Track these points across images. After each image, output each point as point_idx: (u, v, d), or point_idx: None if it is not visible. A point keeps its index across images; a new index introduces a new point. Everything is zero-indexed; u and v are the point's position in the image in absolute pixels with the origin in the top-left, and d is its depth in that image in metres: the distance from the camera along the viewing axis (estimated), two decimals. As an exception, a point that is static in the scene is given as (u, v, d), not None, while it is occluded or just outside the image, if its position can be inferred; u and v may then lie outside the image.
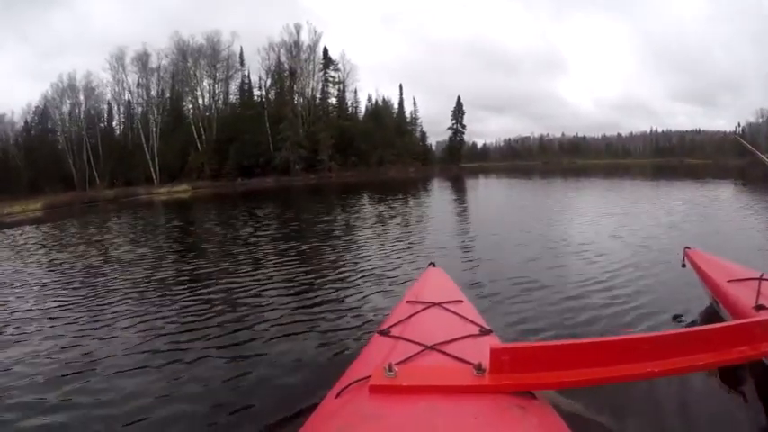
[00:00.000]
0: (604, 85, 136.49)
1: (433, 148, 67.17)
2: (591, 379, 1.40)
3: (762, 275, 2.51)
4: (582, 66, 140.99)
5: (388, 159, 49.61)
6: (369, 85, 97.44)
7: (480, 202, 15.78)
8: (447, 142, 66.33)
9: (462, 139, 66.87)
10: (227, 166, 41.84)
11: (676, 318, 3.35)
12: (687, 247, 3.45)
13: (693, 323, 3.17)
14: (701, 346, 1.53)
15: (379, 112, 55.40)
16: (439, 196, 18.11)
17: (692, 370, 1.50)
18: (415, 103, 61.77)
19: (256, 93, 49.10)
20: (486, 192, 20.67)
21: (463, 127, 64.43)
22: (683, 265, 3.38)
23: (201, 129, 44.31)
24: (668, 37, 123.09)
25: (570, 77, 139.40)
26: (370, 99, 57.37)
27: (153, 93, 45.48)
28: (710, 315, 3.02)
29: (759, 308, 2.24)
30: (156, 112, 45.04)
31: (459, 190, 20.62)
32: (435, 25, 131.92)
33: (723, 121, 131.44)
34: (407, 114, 60.39)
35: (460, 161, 64.07)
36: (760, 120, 67.21)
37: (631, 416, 2.17)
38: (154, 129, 43.52)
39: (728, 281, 2.68)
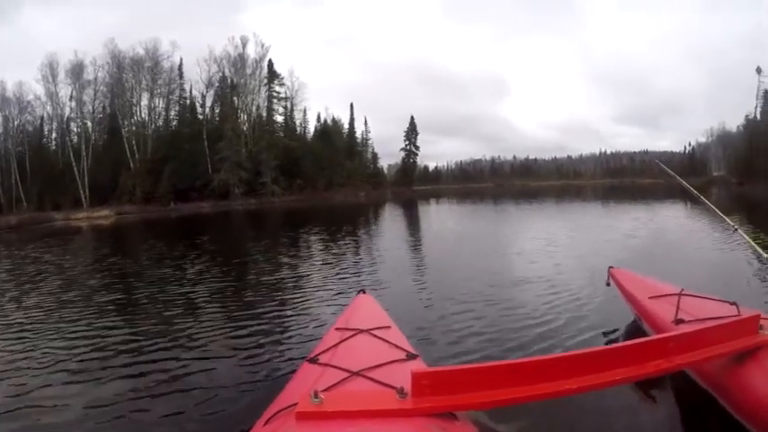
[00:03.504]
0: (550, 108, 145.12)
1: (385, 170, 67.94)
2: (509, 399, 1.55)
3: (681, 291, 2.76)
4: (526, 89, 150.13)
5: (337, 182, 49.32)
6: (319, 106, 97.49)
7: (430, 232, 15.54)
8: (399, 164, 67.25)
9: (415, 161, 68.02)
10: (160, 188, 40.29)
11: (603, 335, 3.61)
12: (611, 267, 3.75)
13: (617, 339, 3.42)
14: (616, 362, 1.71)
15: (328, 131, 55.09)
16: (390, 227, 17.58)
17: (608, 385, 1.67)
18: (366, 123, 62.15)
19: (199, 109, 47.92)
20: (438, 219, 20.67)
21: (417, 148, 65.54)
22: (608, 284, 3.67)
23: (135, 147, 42.66)
24: (610, 61, 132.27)
25: (515, 100, 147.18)
26: (319, 119, 57.09)
27: (89, 107, 43.74)
28: (634, 331, 3.26)
29: (678, 322, 2.46)
30: (90, 128, 43.33)
31: (411, 220, 20.33)
32: (380, 49, 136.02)
33: (666, 142, 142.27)
34: (358, 135, 60.79)
35: (413, 184, 64.94)
36: (709, 139, 72.55)
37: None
38: (84, 146, 41.60)
39: (650, 297, 2.93)
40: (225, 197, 41.01)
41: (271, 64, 48.83)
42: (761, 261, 3.06)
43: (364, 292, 3.19)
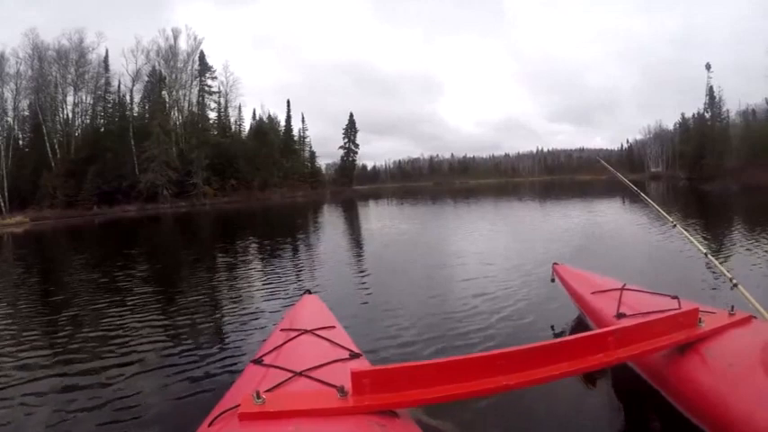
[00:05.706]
0: (484, 107, 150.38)
1: (324, 170, 67.48)
2: (448, 395, 1.60)
3: (624, 286, 2.88)
4: (460, 88, 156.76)
5: (274, 182, 48.32)
6: (255, 103, 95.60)
7: (373, 235, 15.54)
8: (337, 163, 67.05)
9: (355, 160, 67.99)
10: (83, 191, 37.79)
11: (548, 331, 3.73)
12: (555, 263, 3.87)
13: (562, 335, 3.51)
14: (556, 357, 1.78)
15: (264, 129, 53.74)
16: (330, 233, 17.01)
17: (547, 380, 1.73)
18: (303, 120, 61.33)
19: (128, 105, 45.29)
20: (378, 222, 20.59)
21: (356, 146, 65.52)
22: (552, 280, 3.79)
23: (57, 147, 39.76)
24: (541, 60, 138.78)
25: (450, 100, 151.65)
26: (254, 116, 55.66)
27: (11, 103, 40.14)
28: (578, 326, 3.40)
29: (620, 316, 2.55)
30: (12, 126, 39.97)
31: (351, 222, 20.09)
32: (312, 50, 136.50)
33: (600, 139, 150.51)
34: (295, 133, 59.86)
35: (353, 183, 64.87)
36: (647, 136, 77.21)
37: (497, 427, 2.39)
38: (5, 147, 38.07)
39: (592, 293, 3.04)
40: (153, 200, 39.09)
41: (202, 56, 47.14)
42: (699, 256, 3.23)
43: (310, 293, 3.21)
